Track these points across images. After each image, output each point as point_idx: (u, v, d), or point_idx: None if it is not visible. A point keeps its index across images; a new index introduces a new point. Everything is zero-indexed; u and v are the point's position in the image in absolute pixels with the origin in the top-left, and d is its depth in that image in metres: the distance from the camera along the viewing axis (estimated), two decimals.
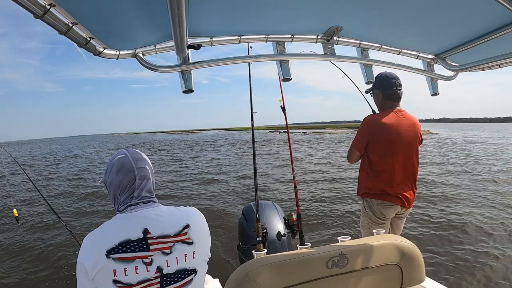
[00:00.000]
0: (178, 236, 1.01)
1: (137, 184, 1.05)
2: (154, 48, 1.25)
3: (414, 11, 1.12)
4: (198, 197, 7.86)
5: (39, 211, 7.04)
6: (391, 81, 2.22)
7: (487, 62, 1.39)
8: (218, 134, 77.14)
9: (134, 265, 0.94)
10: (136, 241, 0.96)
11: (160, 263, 0.96)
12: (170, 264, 0.98)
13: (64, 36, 0.91)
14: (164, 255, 0.97)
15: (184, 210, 1.10)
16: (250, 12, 1.13)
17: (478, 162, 12.11)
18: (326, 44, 1.37)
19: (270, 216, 2.67)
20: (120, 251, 0.94)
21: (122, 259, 0.93)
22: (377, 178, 2.22)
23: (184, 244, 1.01)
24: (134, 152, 1.11)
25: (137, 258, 0.94)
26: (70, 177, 12.52)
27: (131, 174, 1.05)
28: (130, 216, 1.02)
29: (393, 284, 1.36)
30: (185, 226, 1.03)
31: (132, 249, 0.95)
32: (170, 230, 1.00)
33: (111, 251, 0.93)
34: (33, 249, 4.82)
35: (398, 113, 2.22)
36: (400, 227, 2.39)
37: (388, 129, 2.16)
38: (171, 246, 0.99)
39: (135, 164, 1.06)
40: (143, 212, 1.03)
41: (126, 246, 0.94)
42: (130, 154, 1.09)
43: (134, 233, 0.97)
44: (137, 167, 1.07)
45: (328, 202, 6.82)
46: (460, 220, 5.16)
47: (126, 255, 0.94)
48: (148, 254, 0.96)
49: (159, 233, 0.98)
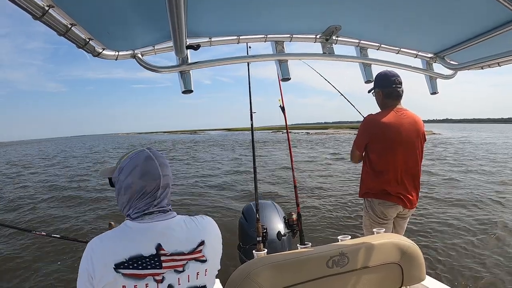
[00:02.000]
0: (192, 253, 0.95)
1: (159, 193, 0.98)
2: (153, 48, 1.25)
3: (413, 10, 1.12)
4: (198, 197, 7.86)
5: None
6: (390, 79, 2.20)
7: (486, 60, 1.39)
8: (221, 134, 76.97)
9: (144, 283, 0.88)
10: (149, 257, 0.89)
11: (171, 281, 0.91)
12: (181, 282, 0.92)
13: (63, 37, 0.91)
14: (177, 273, 0.92)
15: (201, 223, 1.02)
16: (249, 12, 1.13)
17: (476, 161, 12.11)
18: (325, 43, 1.37)
19: (270, 216, 2.67)
20: (130, 266, 0.87)
21: (132, 276, 0.87)
22: (377, 178, 2.21)
23: (198, 262, 0.95)
24: (160, 155, 1.01)
25: (148, 275, 0.89)
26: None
27: (157, 182, 0.97)
28: (143, 227, 0.94)
29: (394, 283, 1.36)
30: (200, 243, 0.97)
31: (144, 266, 0.89)
32: (185, 247, 0.94)
33: (120, 265, 0.87)
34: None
35: (399, 112, 2.20)
36: (403, 227, 2.37)
37: (388, 128, 2.15)
38: (184, 264, 0.93)
39: (162, 171, 0.98)
40: (157, 224, 0.95)
41: (138, 262, 0.88)
42: (156, 158, 0.99)
43: (147, 248, 0.90)
44: (163, 174, 0.98)
45: (328, 201, 6.82)
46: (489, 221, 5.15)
47: (137, 271, 0.88)
48: (160, 272, 0.90)
49: (172, 250, 0.92)
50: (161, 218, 0.96)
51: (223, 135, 64.67)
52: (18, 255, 4.56)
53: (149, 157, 0.98)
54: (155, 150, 1.03)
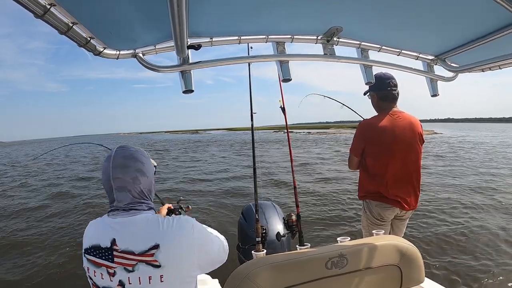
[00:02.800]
0: (143, 255, 0.93)
1: (115, 193, 1.00)
2: (154, 48, 1.25)
3: (414, 12, 1.12)
4: (197, 197, 7.86)
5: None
6: (385, 81, 2.18)
7: (487, 63, 1.39)
8: (222, 134, 76.89)
9: (100, 271, 0.96)
10: (104, 249, 0.96)
11: (122, 277, 0.93)
12: (132, 282, 0.93)
13: (64, 35, 0.91)
14: (127, 272, 0.93)
15: (166, 226, 0.97)
16: (250, 12, 1.13)
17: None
18: (326, 44, 1.37)
19: (269, 217, 2.67)
20: (91, 253, 0.98)
21: (92, 261, 0.98)
22: (373, 181, 2.22)
23: (149, 265, 0.92)
24: (121, 155, 1.01)
25: (103, 265, 0.96)
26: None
27: (109, 183, 1.00)
28: (107, 221, 1.00)
29: (393, 284, 1.36)
30: (153, 246, 0.93)
31: (100, 256, 0.96)
32: (136, 247, 0.93)
33: (86, 250, 1.00)
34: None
35: (394, 115, 2.19)
36: (402, 229, 2.37)
37: (383, 132, 2.14)
38: (134, 265, 0.93)
39: (113, 173, 0.99)
40: (119, 220, 0.98)
41: (96, 251, 0.97)
42: (113, 159, 1.00)
43: (104, 240, 0.96)
44: (114, 177, 0.98)
45: (328, 202, 6.81)
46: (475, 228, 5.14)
47: (95, 259, 0.97)
48: (112, 265, 0.95)
49: (124, 248, 0.94)
50: (125, 215, 0.99)
51: (224, 135, 64.67)
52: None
53: (108, 157, 1.02)
54: (122, 150, 1.03)
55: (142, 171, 1.02)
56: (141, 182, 1.02)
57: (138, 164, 1.02)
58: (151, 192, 1.07)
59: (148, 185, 1.05)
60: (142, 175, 1.02)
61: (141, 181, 1.02)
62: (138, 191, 1.02)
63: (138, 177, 1.01)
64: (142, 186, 1.02)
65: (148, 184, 1.05)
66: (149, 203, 1.06)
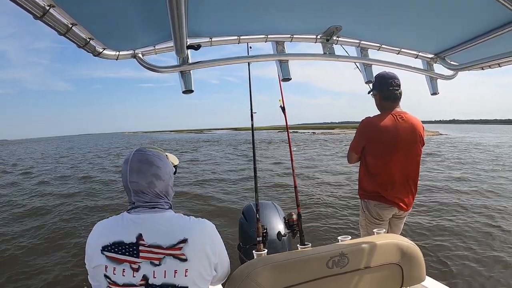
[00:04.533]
0: (171, 249, 0.96)
1: (132, 196, 1.04)
2: (154, 48, 1.25)
3: (414, 11, 1.12)
4: (197, 196, 7.86)
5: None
6: (387, 81, 2.17)
7: (486, 61, 1.39)
8: (227, 133, 76.57)
9: (122, 267, 0.95)
10: (128, 244, 0.96)
11: (146, 272, 0.94)
12: (157, 275, 0.94)
13: (64, 36, 0.91)
14: (152, 266, 0.95)
15: (190, 222, 1.04)
16: (249, 12, 1.13)
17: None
18: (326, 43, 1.37)
19: (270, 216, 2.67)
20: (112, 250, 0.96)
21: (112, 258, 0.96)
22: (372, 180, 2.21)
23: (176, 259, 0.96)
24: (137, 159, 1.03)
25: (126, 261, 0.95)
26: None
27: (127, 185, 1.04)
28: (130, 218, 1.01)
29: (394, 283, 1.36)
30: (181, 240, 0.97)
31: (123, 252, 0.95)
32: (164, 241, 0.96)
33: (105, 247, 0.97)
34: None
35: (397, 115, 2.17)
36: (400, 227, 2.38)
37: (385, 132, 2.13)
38: (161, 258, 0.95)
39: (130, 177, 1.02)
40: (144, 216, 1.01)
41: (118, 247, 0.96)
42: (130, 163, 1.03)
43: (128, 236, 0.96)
44: (131, 180, 1.02)
45: (329, 201, 6.81)
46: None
47: (116, 256, 0.96)
48: (137, 261, 0.95)
49: (151, 242, 0.96)
50: (149, 212, 1.02)
51: (229, 134, 64.52)
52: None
53: (126, 160, 1.04)
54: (139, 153, 1.04)
55: (158, 175, 1.04)
56: (156, 186, 1.04)
57: (153, 169, 1.03)
58: (168, 194, 1.09)
59: (164, 188, 1.07)
60: (157, 179, 1.04)
61: (156, 185, 1.04)
62: (154, 194, 1.04)
63: (154, 181, 1.03)
64: (158, 189, 1.04)
65: (165, 187, 1.07)
66: (168, 201, 1.09)
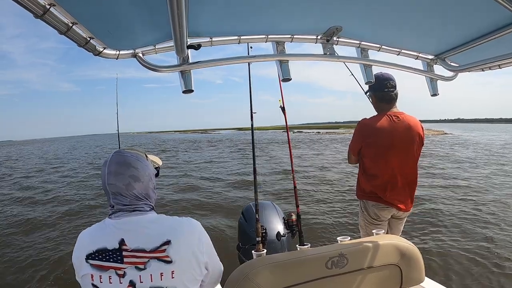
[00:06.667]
0: (155, 252, 0.94)
1: (111, 199, 1.01)
2: (154, 48, 1.25)
3: (414, 12, 1.12)
4: (197, 197, 7.86)
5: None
6: (382, 82, 2.16)
7: (486, 62, 1.39)
8: (232, 133, 76.22)
9: (108, 275, 0.93)
10: (112, 251, 0.94)
11: (132, 277, 0.93)
12: (143, 280, 0.93)
13: (64, 35, 0.91)
14: (138, 270, 0.93)
15: (173, 223, 1.02)
16: (250, 12, 1.13)
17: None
18: (326, 44, 1.37)
19: (269, 216, 2.67)
20: (96, 258, 0.95)
21: (97, 266, 0.94)
22: (370, 181, 2.22)
23: (161, 262, 0.94)
24: (115, 161, 1.02)
25: (111, 268, 0.93)
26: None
27: (105, 188, 1.02)
28: (112, 223, 0.99)
29: (393, 284, 1.36)
30: (165, 242, 0.95)
31: (107, 259, 0.94)
32: (147, 245, 0.95)
33: (89, 255, 0.95)
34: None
35: (393, 117, 2.16)
36: (400, 228, 2.37)
37: (381, 134, 2.13)
38: (146, 262, 0.94)
39: (108, 179, 1.00)
40: (125, 220, 0.98)
41: (102, 254, 0.94)
42: (109, 164, 1.01)
43: (111, 242, 0.95)
44: (109, 183, 1.00)
45: (328, 202, 6.82)
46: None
47: (101, 263, 0.94)
48: (122, 266, 0.93)
49: (134, 246, 0.94)
50: (130, 215, 0.99)
51: (233, 134, 64.37)
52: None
53: (104, 163, 1.03)
54: (117, 155, 1.03)
55: (135, 177, 1.02)
56: (135, 188, 1.01)
57: (131, 170, 1.01)
58: (148, 196, 1.06)
59: (144, 190, 1.04)
60: (136, 180, 1.01)
61: (135, 187, 1.01)
62: (133, 196, 1.02)
63: (132, 183, 1.01)
64: (136, 192, 1.02)
65: (144, 189, 1.04)
66: (149, 203, 1.06)
